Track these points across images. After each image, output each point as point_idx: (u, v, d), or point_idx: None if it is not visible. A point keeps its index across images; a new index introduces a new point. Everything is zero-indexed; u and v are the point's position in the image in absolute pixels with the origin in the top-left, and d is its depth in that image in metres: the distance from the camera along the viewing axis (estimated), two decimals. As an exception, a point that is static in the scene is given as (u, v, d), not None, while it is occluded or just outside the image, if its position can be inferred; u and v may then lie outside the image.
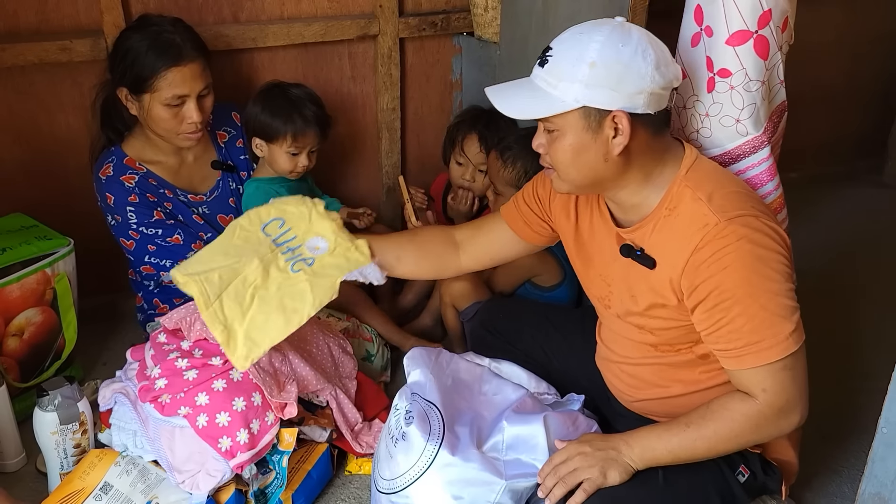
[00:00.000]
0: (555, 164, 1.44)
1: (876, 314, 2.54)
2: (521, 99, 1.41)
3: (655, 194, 1.44)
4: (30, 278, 1.93)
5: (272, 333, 1.61)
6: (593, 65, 1.32)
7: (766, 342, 1.34)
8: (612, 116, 1.35)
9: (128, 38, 1.98)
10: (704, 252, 1.35)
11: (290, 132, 2.13)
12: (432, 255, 1.78)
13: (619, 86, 1.33)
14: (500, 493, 1.51)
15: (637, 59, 1.32)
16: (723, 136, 1.57)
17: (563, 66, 1.35)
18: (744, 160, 1.58)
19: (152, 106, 1.97)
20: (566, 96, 1.35)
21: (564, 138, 1.39)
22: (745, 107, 1.53)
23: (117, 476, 1.69)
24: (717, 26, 1.52)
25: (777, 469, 1.57)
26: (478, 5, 2.49)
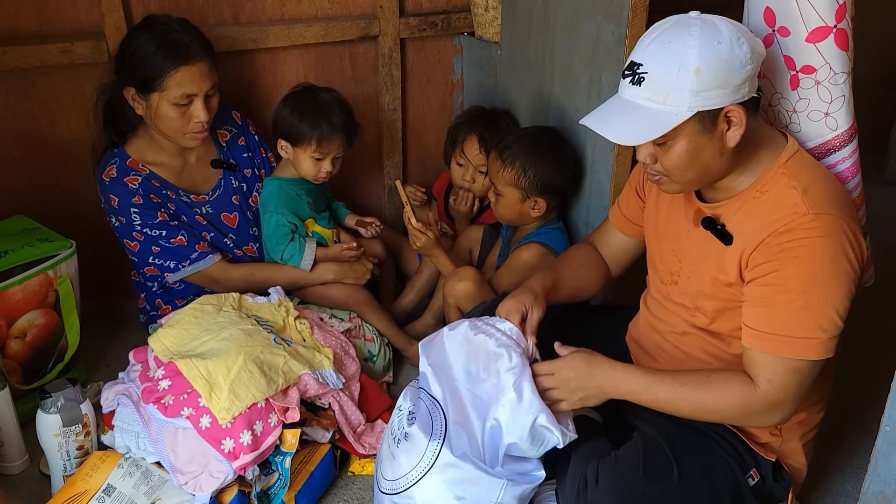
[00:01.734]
0: (669, 170, 1.42)
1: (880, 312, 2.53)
2: (630, 123, 1.38)
3: (749, 177, 1.44)
4: (32, 280, 1.93)
5: (254, 391, 1.71)
6: (698, 70, 1.31)
7: (794, 339, 1.35)
8: (726, 112, 1.35)
9: (135, 37, 1.99)
10: (783, 237, 1.36)
11: (316, 137, 2.12)
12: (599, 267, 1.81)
13: (726, 82, 1.32)
14: (501, 494, 1.51)
15: (735, 50, 1.32)
16: (812, 131, 1.56)
17: (666, 80, 1.33)
18: (833, 155, 1.57)
19: (161, 105, 1.97)
20: (678, 108, 1.33)
21: (678, 146, 1.38)
22: (833, 100, 1.53)
23: (120, 478, 1.69)
24: (794, 26, 1.51)
25: (787, 476, 1.57)
26: (478, 5, 2.49)
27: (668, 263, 1.61)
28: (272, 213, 2.18)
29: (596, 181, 2.10)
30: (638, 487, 1.44)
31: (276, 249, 2.18)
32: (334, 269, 2.22)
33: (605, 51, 1.95)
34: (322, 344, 1.96)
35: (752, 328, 1.40)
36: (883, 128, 3.51)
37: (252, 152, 2.30)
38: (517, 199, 2.14)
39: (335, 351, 1.96)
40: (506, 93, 2.48)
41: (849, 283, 1.36)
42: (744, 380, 1.40)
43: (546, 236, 2.16)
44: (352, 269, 2.25)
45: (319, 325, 2.04)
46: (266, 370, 1.75)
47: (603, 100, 1.98)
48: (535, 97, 2.31)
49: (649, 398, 1.47)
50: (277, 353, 1.81)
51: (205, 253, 2.10)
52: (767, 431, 1.55)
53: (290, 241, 2.17)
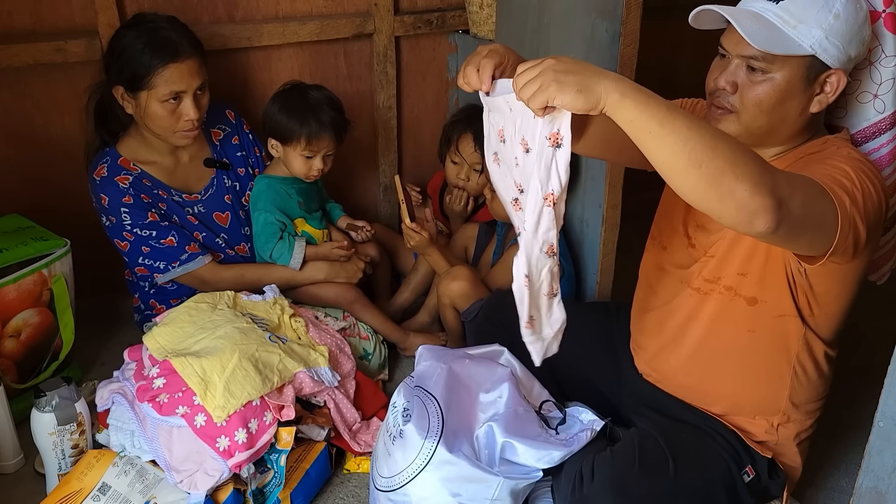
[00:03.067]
0: (746, 105, 1.36)
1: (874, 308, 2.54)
2: (756, 27, 1.30)
3: (789, 151, 1.43)
4: (26, 279, 1.93)
5: (249, 389, 1.71)
6: (837, 16, 1.29)
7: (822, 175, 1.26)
8: (829, 74, 1.33)
9: (123, 35, 1.98)
10: (814, 156, 1.35)
11: (305, 135, 2.12)
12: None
13: (848, 45, 1.31)
14: (497, 490, 1.51)
15: (866, 25, 1.33)
16: (860, 113, 1.56)
17: (809, 8, 1.30)
18: (876, 139, 1.57)
19: (149, 103, 1.97)
20: (804, 40, 1.30)
21: (774, 81, 1.33)
22: (882, 82, 1.53)
23: (115, 476, 1.69)
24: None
25: (782, 473, 1.57)
26: (473, 3, 2.49)
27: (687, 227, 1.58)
28: (260, 212, 2.18)
29: (591, 177, 2.10)
30: (633, 482, 1.44)
31: (264, 248, 2.18)
32: (325, 268, 2.22)
33: (599, 48, 1.95)
34: (317, 342, 1.96)
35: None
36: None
37: (246, 151, 2.29)
38: (512, 197, 2.13)
39: (330, 349, 1.96)
40: (501, 90, 2.48)
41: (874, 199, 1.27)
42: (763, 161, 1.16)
43: (541, 234, 2.16)
44: (343, 268, 2.24)
45: (314, 322, 2.04)
46: (261, 368, 1.75)
47: (597, 97, 2.00)
48: (530, 95, 2.31)
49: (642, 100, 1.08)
50: (272, 351, 1.81)
51: (195, 254, 2.10)
52: (763, 430, 1.56)
53: (278, 240, 2.17)
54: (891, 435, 1.22)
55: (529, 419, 1.61)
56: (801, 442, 1.59)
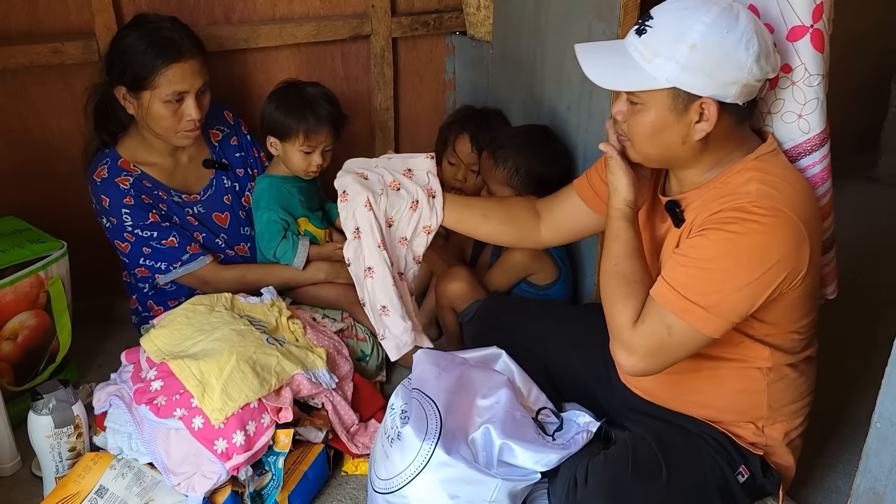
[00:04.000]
0: (631, 135, 1.41)
1: (871, 309, 2.55)
2: (612, 67, 1.36)
3: (716, 173, 1.43)
4: (23, 282, 1.92)
5: (246, 392, 1.70)
6: (694, 47, 1.28)
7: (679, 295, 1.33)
8: (701, 102, 1.32)
9: (125, 36, 1.98)
10: (724, 213, 1.34)
11: (303, 130, 2.13)
12: (518, 221, 1.76)
13: (715, 73, 1.29)
14: (496, 492, 1.51)
15: (739, 48, 1.29)
16: (784, 133, 1.55)
17: (662, 42, 1.31)
18: (804, 159, 1.56)
19: (152, 103, 1.97)
20: (659, 73, 1.31)
21: (647, 113, 1.36)
22: (807, 101, 1.51)
23: (113, 479, 1.68)
24: (776, 23, 1.50)
25: (776, 472, 1.57)
26: (470, 4, 2.49)
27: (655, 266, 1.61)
28: (263, 210, 2.18)
29: (588, 180, 2.10)
30: (626, 486, 1.44)
31: (268, 247, 2.18)
32: (326, 268, 2.22)
33: (596, 50, 1.95)
34: (315, 344, 1.96)
35: (661, 276, 1.39)
36: (873, 126, 3.52)
37: (244, 152, 2.29)
38: (510, 198, 2.14)
39: (328, 351, 1.95)
40: (498, 92, 2.48)
41: (766, 280, 1.31)
42: (632, 310, 1.39)
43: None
44: (344, 268, 2.23)
45: (312, 324, 2.04)
46: (259, 370, 1.75)
47: (594, 98, 2.01)
48: (527, 96, 2.32)
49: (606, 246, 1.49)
50: (270, 354, 1.81)
51: (196, 254, 2.10)
52: (752, 432, 1.56)
53: (282, 239, 2.17)
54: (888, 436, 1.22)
55: (526, 424, 1.61)
56: (791, 441, 1.59)
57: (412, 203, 1.71)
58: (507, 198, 1.83)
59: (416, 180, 1.73)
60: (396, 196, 1.71)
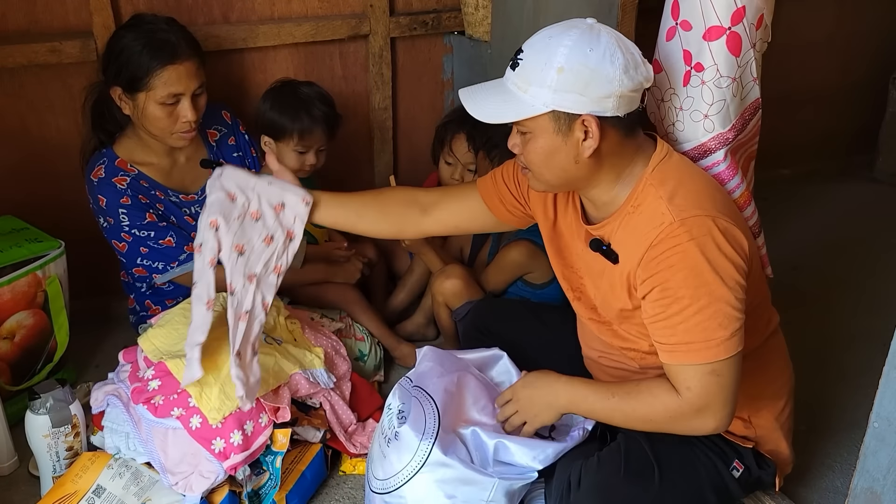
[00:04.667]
0: (528, 164, 1.44)
1: (868, 308, 2.55)
2: (492, 103, 1.42)
3: (624, 192, 1.45)
4: (20, 281, 1.92)
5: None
6: (561, 70, 1.32)
7: (697, 344, 1.35)
8: (582, 120, 1.35)
9: (122, 36, 1.98)
10: (657, 249, 1.36)
11: (297, 130, 2.13)
12: (393, 215, 1.75)
13: (586, 90, 1.33)
14: (493, 492, 1.51)
15: (605, 63, 1.32)
16: (691, 131, 1.58)
17: (533, 71, 1.35)
18: (710, 156, 1.59)
19: (147, 105, 1.97)
20: (535, 101, 1.35)
21: (536, 140, 1.40)
22: (713, 102, 1.54)
23: (110, 479, 1.68)
24: (694, 20, 1.53)
25: (771, 462, 1.58)
26: (468, 4, 2.49)
27: (572, 281, 1.63)
28: None
29: (586, 180, 2.10)
30: (619, 488, 1.45)
31: None
32: (324, 268, 2.22)
33: (594, 49, 1.95)
34: (313, 343, 1.96)
35: (660, 342, 1.41)
36: (872, 126, 3.53)
37: (242, 152, 2.29)
38: (507, 198, 2.13)
39: (326, 350, 1.95)
40: (496, 92, 2.48)
41: (734, 276, 1.35)
42: (667, 388, 1.41)
43: (535, 233, 2.15)
44: (342, 268, 2.25)
45: (310, 324, 2.04)
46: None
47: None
48: (526, 96, 2.31)
49: (587, 408, 1.52)
50: (268, 353, 1.80)
51: (193, 254, 2.09)
52: (741, 426, 1.56)
53: (279, 239, 2.17)
54: (885, 435, 1.22)
55: None
56: (782, 424, 1.60)
57: (266, 237, 1.61)
58: (384, 191, 1.82)
59: (282, 218, 1.64)
60: (252, 226, 1.61)
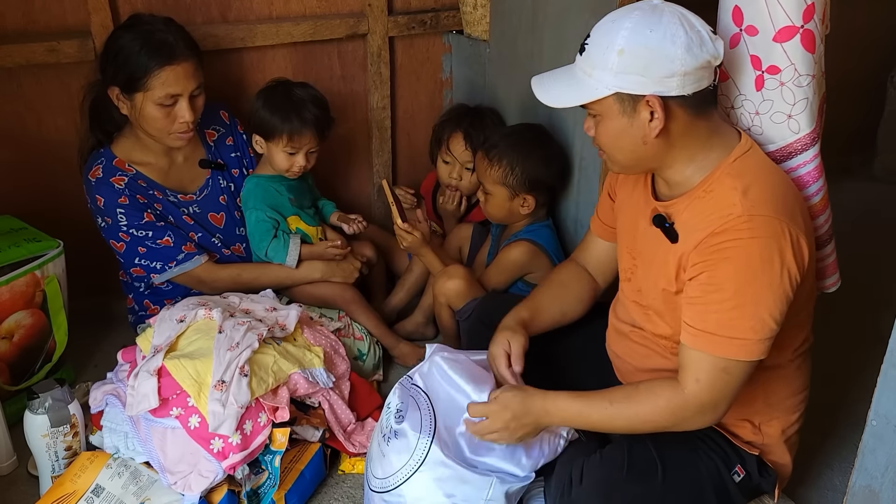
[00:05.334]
0: (602, 146, 1.48)
1: (867, 307, 2.55)
2: (559, 87, 1.46)
3: (698, 175, 1.45)
4: (19, 281, 1.92)
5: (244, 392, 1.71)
6: (621, 52, 1.34)
7: (724, 338, 1.35)
8: (646, 101, 1.37)
9: (119, 37, 1.98)
10: (718, 237, 1.36)
11: (287, 132, 2.13)
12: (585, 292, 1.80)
13: (647, 71, 1.34)
14: (491, 491, 1.51)
15: (665, 43, 1.33)
16: (774, 133, 1.56)
17: (596, 54, 1.38)
18: (794, 158, 1.57)
19: (145, 105, 1.96)
20: (599, 84, 1.38)
21: (605, 122, 1.43)
22: (796, 102, 1.52)
23: (109, 478, 1.68)
24: (762, 24, 1.51)
25: (773, 471, 1.57)
26: (467, 3, 2.49)
27: (625, 261, 1.63)
28: (251, 210, 2.19)
29: (585, 178, 2.10)
30: (622, 486, 1.44)
31: (259, 246, 2.18)
32: (321, 267, 2.22)
33: (593, 48, 1.95)
34: (312, 343, 1.96)
35: (688, 324, 1.40)
36: (870, 124, 3.53)
37: (240, 152, 2.29)
38: (506, 198, 2.14)
39: (325, 350, 1.95)
40: (495, 90, 2.48)
41: (783, 286, 1.35)
42: (670, 385, 1.42)
43: (535, 234, 2.16)
44: (339, 267, 2.24)
45: (309, 323, 2.04)
46: (255, 369, 1.75)
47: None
48: (524, 95, 2.31)
49: (583, 422, 1.50)
50: (267, 353, 1.80)
51: (191, 254, 2.10)
52: (749, 431, 1.56)
53: (273, 238, 2.17)
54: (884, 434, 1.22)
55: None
56: (788, 438, 1.60)
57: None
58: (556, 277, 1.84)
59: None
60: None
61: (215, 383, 1.67)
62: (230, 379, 1.69)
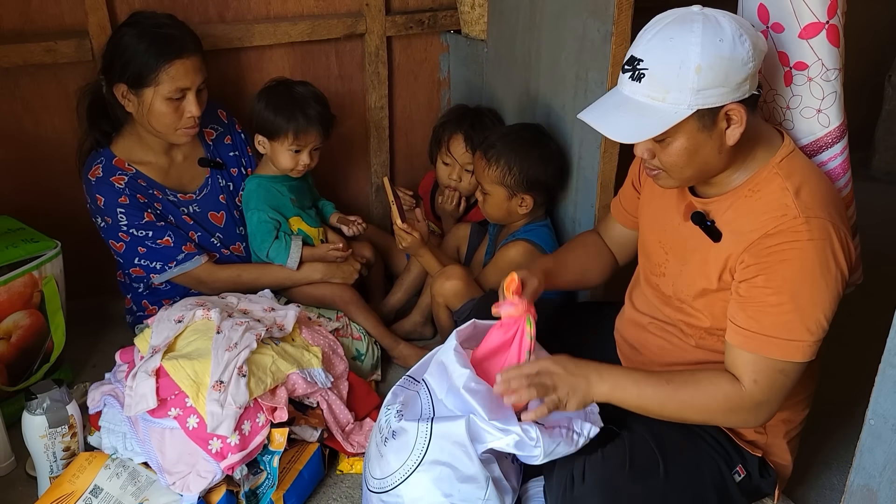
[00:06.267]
0: (667, 167, 1.41)
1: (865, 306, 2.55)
2: (629, 120, 1.36)
3: (744, 174, 1.43)
4: (17, 281, 1.92)
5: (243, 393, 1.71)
6: (699, 69, 1.29)
7: (781, 341, 1.35)
8: (726, 111, 1.33)
9: (125, 33, 1.98)
10: (773, 239, 1.35)
11: (292, 130, 2.13)
12: (606, 261, 1.81)
13: (727, 81, 1.31)
14: (489, 490, 1.51)
15: (737, 48, 1.30)
16: (804, 127, 1.56)
17: (667, 77, 1.31)
18: (825, 152, 1.57)
19: (154, 101, 1.97)
20: (678, 106, 1.31)
21: (677, 142, 1.36)
22: (825, 96, 1.52)
23: (107, 479, 1.68)
24: (787, 22, 1.51)
25: (774, 472, 1.58)
26: (465, 3, 2.49)
27: (656, 255, 1.61)
28: (253, 211, 2.18)
29: (583, 178, 2.10)
30: (624, 484, 1.44)
31: (261, 247, 2.18)
32: (321, 268, 2.22)
33: (591, 48, 1.95)
34: (310, 343, 1.96)
35: (740, 327, 1.39)
36: (868, 123, 3.53)
37: (238, 151, 2.29)
38: (504, 197, 2.14)
39: (323, 350, 1.95)
40: (492, 90, 2.48)
41: (837, 287, 1.35)
42: (730, 379, 1.40)
43: (533, 233, 2.16)
44: (339, 268, 2.24)
45: (307, 323, 2.04)
46: (254, 370, 1.75)
47: (589, 97, 2.01)
48: (522, 94, 2.32)
49: (637, 393, 1.42)
50: (265, 353, 1.80)
51: (191, 254, 2.09)
52: (752, 430, 1.56)
53: (275, 239, 2.17)
54: (882, 433, 1.22)
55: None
56: (790, 440, 1.60)
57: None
58: (577, 240, 1.85)
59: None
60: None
61: (213, 384, 1.67)
62: (228, 379, 1.69)
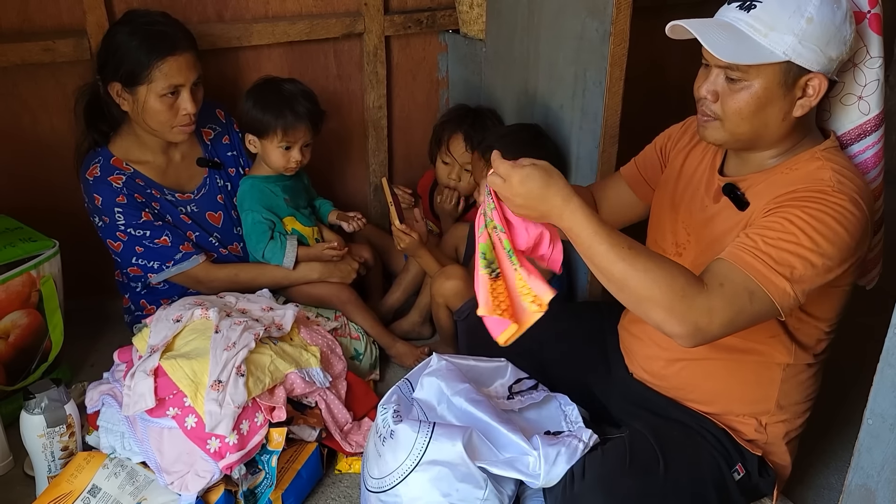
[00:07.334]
0: (727, 113, 1.37)
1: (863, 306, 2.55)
2: (727, 40, 1.31)
3: (783, 158, 1.42)
4: (15, 281, 1.91)
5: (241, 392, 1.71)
6: (811, 20, 1.28)
7: (766, 263, 1.28)
8: (809, 78, 1.32)
9: (118, 32, 1.98)
10: (799, 192, 1.33)
11: (281, 127, 2.13)
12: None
13: (826, 47, 1.30)
14: (487, 491, 1.51)
15: (845, 25, 1.30)
16: (844, 115, 1.55)
17: (779, 15, 1.29)
18: (862, 140, 1.55)
19: (148, 98, 1.97)
20: (776, 47, 1.29)
21: (752, 89, 1.33)
22: (867, 83, 1.51)
23: (105, 478, 1.68)
24: None
25: (773, 472, 1.58)
26: (463, 2, 2.49)
27: (677, 235, 1.58)
28: (247, 212, 2.18)
29: (581, 178, 2.10)
30: (623, 481, 1.44)
31: (256, 248, 2.18)
32: (319, 268, 2.22)
33: (589, 47, 1.95)
34: (309, 342, 1.96)
35: (734, 244, 1.33)
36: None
37: (237, 150, 2.29)
38: (503, 197, 2.13)
39: (322, 349, 1.95)
40: (491, 90, 2.48)
41: (841, 260, 1.30)
42: (693, 275, 1.30)
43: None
44: (337, 268, 2.24)
45: (306, 323, 2.04)
46: (252, 369, 1.75)
47: (588, 96, 2.01)
48: (521, 94, 2.32)
49: (587, 245, 1.29)
50: (263, 352, 1.80)
51: (189, 254, 2.09)
52: (753, 429, 1.56)
53: (270, 240, 2.17)
54: (880, 432, 1.22)
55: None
56: (790, 441, 1.60)
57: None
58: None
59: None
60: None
61: (212, 383, 1.67)
62: (227, 379, 1.69)
